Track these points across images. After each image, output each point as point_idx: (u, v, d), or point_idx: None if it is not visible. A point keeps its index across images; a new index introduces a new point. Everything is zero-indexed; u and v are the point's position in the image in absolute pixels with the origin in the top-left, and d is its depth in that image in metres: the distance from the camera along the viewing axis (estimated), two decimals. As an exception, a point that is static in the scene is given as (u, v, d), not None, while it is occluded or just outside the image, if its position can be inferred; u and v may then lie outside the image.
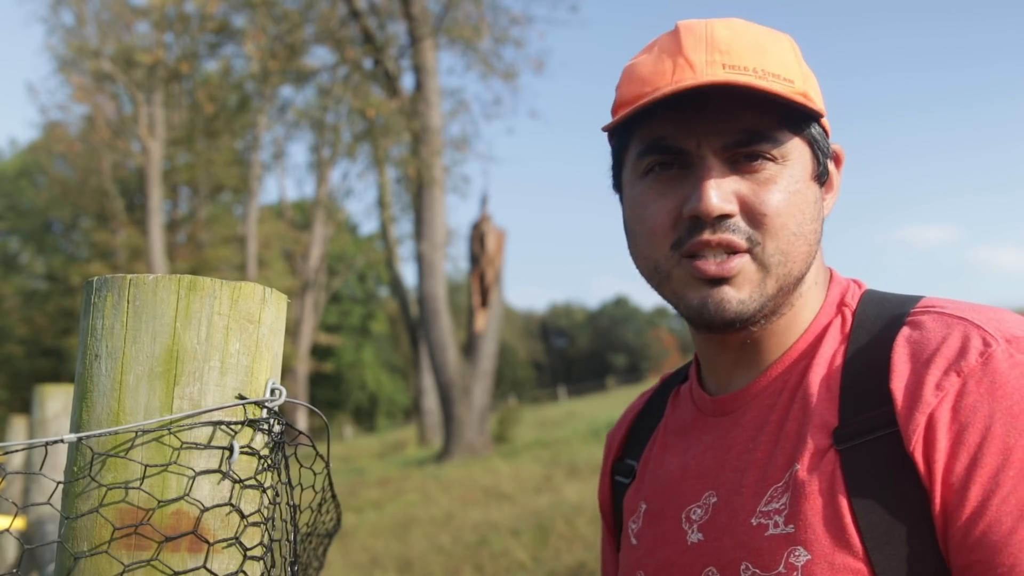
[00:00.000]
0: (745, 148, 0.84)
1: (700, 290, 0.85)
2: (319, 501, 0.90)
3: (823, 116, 0.87)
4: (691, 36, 0.86)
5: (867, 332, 0.86)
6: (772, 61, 0.84)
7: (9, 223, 31.64)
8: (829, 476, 0.79)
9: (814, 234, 0.87)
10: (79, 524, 0.60)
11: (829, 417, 0.82)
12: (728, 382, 0.94)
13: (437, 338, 13.02)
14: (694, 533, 0.89)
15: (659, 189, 0.87)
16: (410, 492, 10.01)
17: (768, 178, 0.84)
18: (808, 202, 0.86)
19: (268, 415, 0.66)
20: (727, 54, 0.83)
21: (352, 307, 40.21)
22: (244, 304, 0.65)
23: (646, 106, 0.82)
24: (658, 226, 0.86)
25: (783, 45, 0.87)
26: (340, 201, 27.83)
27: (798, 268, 0.86)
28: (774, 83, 0.82)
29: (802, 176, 0.86)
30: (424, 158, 13.22)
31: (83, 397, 0.62)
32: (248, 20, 15.09)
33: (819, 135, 0.88)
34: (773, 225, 0.83)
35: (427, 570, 6.34)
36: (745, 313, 0.84)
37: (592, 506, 6.88)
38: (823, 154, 0.89)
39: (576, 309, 64.75)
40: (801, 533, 0.78)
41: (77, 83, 21.88)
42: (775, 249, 0.84)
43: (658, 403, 1.08)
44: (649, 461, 1.02)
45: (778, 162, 0.84)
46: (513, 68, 15.15)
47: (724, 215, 0.83)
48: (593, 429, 12.48)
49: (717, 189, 0.83)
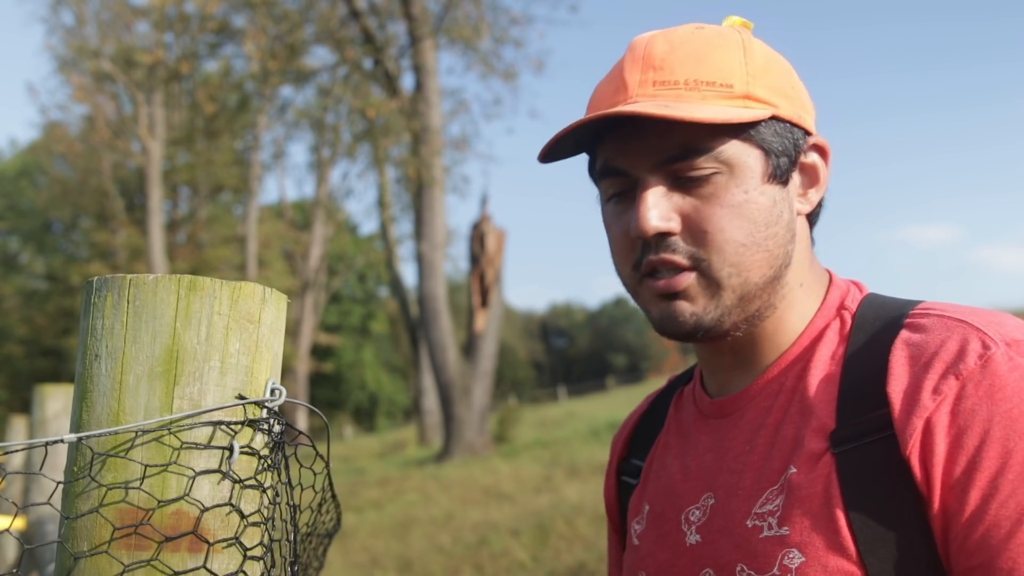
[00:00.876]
0: (679, 164, 0.83)
1: (659, 304, 0.87)
2: (319, 501, 0.90)
3: (771, 115, 0.84)
4: (631, 54, 0.87)
5: (865, 335, 0.85)
6: (709, 68, 0.84)
7: (9, 223, 31.65)
8: (824, 479, 0.79)
9: (773, 239, 0.85)
10: (79, 524, 0.60)
11: (826, 420, 0.82)
12: (727, 384, 0.94)
13: (437, 338, 13.02)
14: (692, 535, 0.89)
15: (617, 212, 0.89)
16: (410, 492, 10.01)
17: (711, 193, 0.83)
18: (761, 208, 0.84)
19: (268, 415, 0.66)
20: (659, 70, 0.84)
21: (352, 307, 40.22)
22: (244, 304, 0.65)
23: (579, 128, 0.84)
24: (620, 248, 0.89)
25: (727, 47, 0.85)
26: (340, 201, 27.85)
27: (757, 275, 0.85)
28: (706, 92, 0.82)
29: (753, 182, 0.84)
30: (424, 158, 13.22)
31: (83, 397, 0.62)
32: (248, 20, 15.10)
33: (772, 134, 0.85)
34: (716, 241, 0.83)
35: (427, 570, 6.34)
36: (704, 324, 0.85)
37: (592, 506, 6.88)
38: (777, 154, 0.86)
39: (576, 309, 64.76)
40: (795, 535, 0.78)
41: (77, 83, 21.89)
42: (722, 263, 0.84)
43: (663, 404, 1.08)
44: (653, 462, 1.02)
45: (723, 172, 0.83)
46: (513, 68, 15.16)
47: (663, 233, 0.84)
48: (593, 429, 12.48)
49: (655, 208, 0.83)
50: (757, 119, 0.83)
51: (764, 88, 0.85)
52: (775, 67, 0.88)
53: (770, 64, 0.87)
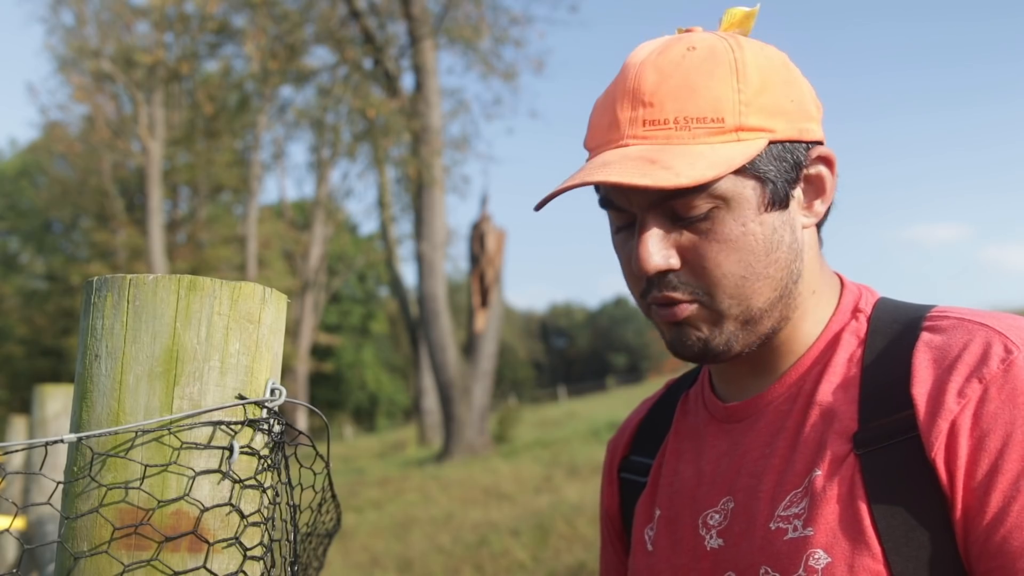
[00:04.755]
0: (675, 202, 0.82)
1: (669, 331, 0.88)
2: (319, 501, 0.90)
3: (768, 142, 0.82)
4: (622, 83, 0.86)
5: (884, 337, 0.86)
6: (698, 103, 0.82)
7: (9, 223, 31.66)
8: (849, 481, 0.79)
9: (774, 264, 0.85)
10: (79, 524, 0.60)
11: (848, 422, 0.82)
12: (742, 389, 0.94)
13: (437, 338, 13.02)
14: (713, 539, 0.89)
15: (623, 240, 0.90)
16: (410, 492, 10.01)
17: (709, 228, 0.83)
18: (759, 239, 0.84)
19: (268, 415, 0.66)
20: (649, 107, 0.83)
21: (352, 307, 40.22)
22: (244, 304, 0.65)
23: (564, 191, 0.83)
24: (629, 275, 0.90)
25: (719, 74, 0.83)
26: (340, 201, 27.85)
27: (760, 301, 0.85)
28: (697, 130, 0.81)
29: (750, 213, 0.83)
30: (424, 158, 13.22)
31: (83, 397, 0.62)
32: (248, 20, 15.10)
33: (768, 162, 0.83)
34: (715, 276, 0.83)
35: (427, 570, 6.34)
36: (714, 348, 0.86)
37: (592, 506, 6.87)
38: (774, 181, 0.84)
39: (576, 309, 64.78)
40: (821, 536, 0.79)
41: (77, 83, 21.89)
42: (723, 296, 0.84)
43: (666, 408, 1.07)
44: (662, 467, 1.01)
45: (720, 208, 0.82)
46: (513, 68, 15.16)
47: (664, 271, 0.84)
48: (593, 429, 12.48)
49: (653, 247, 0.83)
50: (749, 158, 0.81)
51: (758, 114, 0.83)
52: (771, 82, 0.85)
53: (766, 81, 0.84)
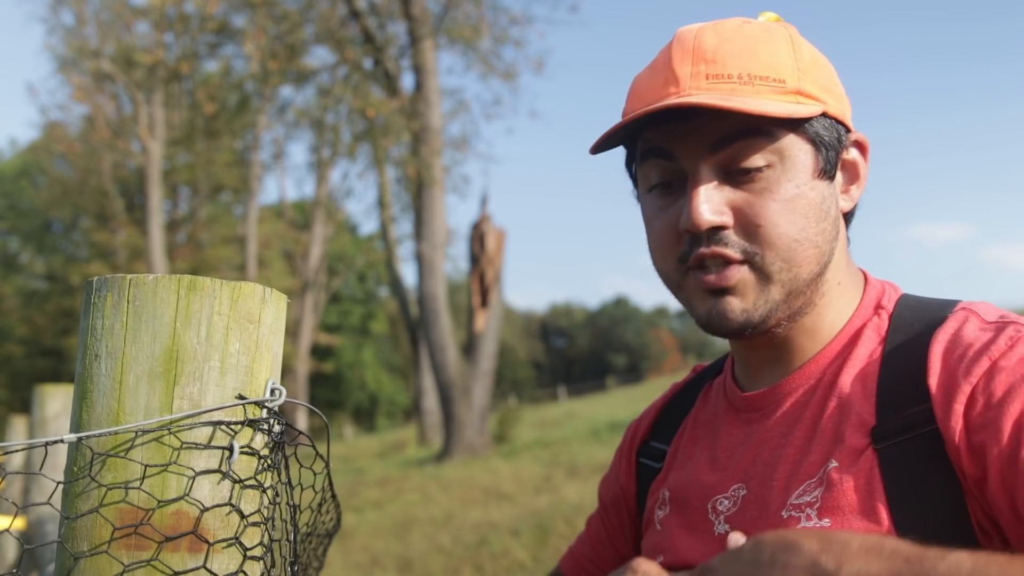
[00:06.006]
0: (736, 146, 0.83)
1: (706, 301, 0.86)
2: (319, 501, 0.90)
3: (822, 112, 0.85)
4: (680, 47, 0.86)
5: (904, 333, 0.86)
6: (761, 63, 0.84)
7: (9, 223, 31.65)
8: (867, 474, 0.79)
9: (822, 235, 0.86)
10: (79, 524, 0.60)
11: (866, 416, 0.82)
12: (760, 379, 0.94)
13: (437, 338, 13.01)
14: (721, 524, 0.90)
15: (662, 204, 0.88)
16: (410, 492, 10.00)
17: (764, 187, 0.83)
18: (812, 204, 0.85)
19: (268, 415, 0.66)
20: (712, 63, 0.84)
21: (352, 307, 40.21)
22: (244, 304, 0.65)
23: (630, 122, 0.83)
24: (664, 241, 0.88)
25: (776, 42, 0.86)
26: (340, 201, 27.83)
27: (806, 271, 0.85)
28: (760, 87, 0.82)
29: (804, 177, 0.84)
30: (424, 158, 13.21)
31: (83, 397, 0.62)
32: (248, 20, 15.08)
33: (823, 128, 0.86)
34: (769, 235, 0.83)
35: (427, 570, 6.34)
36: (752, 321, 0.85)
37: (592, 506, 6.86)
38: (827, 148, 0.86)
39: (576, 309, 64.76)
40: (837, 526, 0.79)
41: (77, 83, 21.88)
42: (774, 258, 0.84)
43: (690, 394, 1.08)
44: (678, 452, 1.02)
45: (774, 167, 0.83)
46: (513, 68, 15.14)
47: (717, 227, 0.83)
48: (593, 429, 12.47)
49: (707, 202, 0.83)
50: (811, 115, 0.83)
51: (813, 84, 0.85)
52: (821, 63, 0.88)
53: (816, 60, 0.88)
